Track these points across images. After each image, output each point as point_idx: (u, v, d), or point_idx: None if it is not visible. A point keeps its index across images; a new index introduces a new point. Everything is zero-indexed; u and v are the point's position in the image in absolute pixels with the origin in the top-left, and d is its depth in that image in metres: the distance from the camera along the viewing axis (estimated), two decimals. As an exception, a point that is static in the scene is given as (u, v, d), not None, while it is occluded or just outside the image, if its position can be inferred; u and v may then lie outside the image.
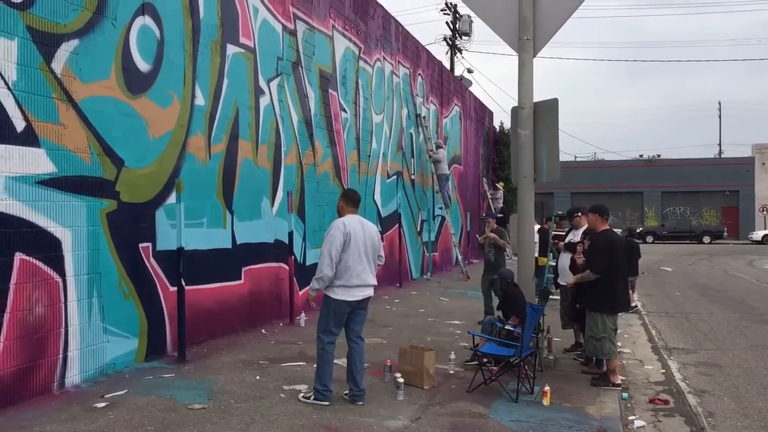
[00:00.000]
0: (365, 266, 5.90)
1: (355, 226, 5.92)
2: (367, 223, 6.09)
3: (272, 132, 10.37)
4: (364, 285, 5.91)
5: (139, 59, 7.46)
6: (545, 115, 7.51)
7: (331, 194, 12.30)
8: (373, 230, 6.09)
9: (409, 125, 17.43)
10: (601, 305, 6.91)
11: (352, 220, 5.95)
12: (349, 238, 5.82)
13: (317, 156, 11.87)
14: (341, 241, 5.79)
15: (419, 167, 18.21)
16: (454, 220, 20.77)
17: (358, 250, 5.85)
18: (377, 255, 6.07)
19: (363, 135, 14.11)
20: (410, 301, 13.12)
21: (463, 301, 13.33)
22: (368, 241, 5.94)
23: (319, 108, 11.99)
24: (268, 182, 10.24)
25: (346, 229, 5.84)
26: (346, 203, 6.12)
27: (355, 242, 5.84)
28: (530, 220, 7.77)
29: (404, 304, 12.68)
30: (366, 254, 5.92)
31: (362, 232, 5.93)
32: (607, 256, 6.89)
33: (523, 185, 7.59)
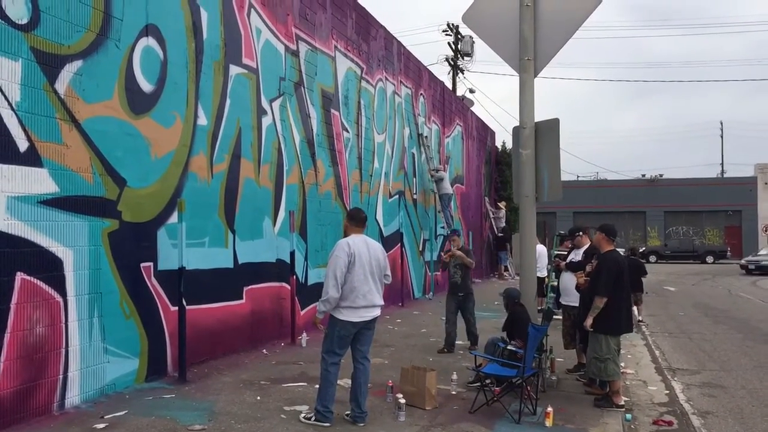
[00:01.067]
0: (371, 286, 5.86)
1: (360, 245, 5.88)
2: (372, 242, 6.05)
3: (274, 152, 10.40)
4: (371, 306, 5.87)
5: (142, 80, 7.51)
6: (546, 135, 7.53)
7: (333, 213, 12.31)
8: (379, 249, 6.05)
9: (411, 145, 17.49)
10: (606, 326, 6.86)
11: (357, 240, 5.92)
12: (354, 259, 5.77)
13: (319, 175, 11.90)
14: (345, 261, 5.74)
15: (421, 187, 18.25)
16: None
17: (363, 271, 5.81)
18: (384, 274, 6.04)
19: (365, 155, 14.15)
20: (412, 321, 13.07)
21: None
22: (374, 260, 5.91)
23: (321, 128, 12.05)
24: (269, 202, 10.25)
25: (350, 249, 5.79)
26: (350, 223, 6.10)
27: (360, 262, 5.80)
28: (532, 239, 7.77)
29: (406, 324, 12.63)
30: (372, 274, 5.88)
31: (367, 251, 5.90)
32: (614, 279, 6.87)
33: (525, 204, 7.59)
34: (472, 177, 24.72)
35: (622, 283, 6.90)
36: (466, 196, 23.57)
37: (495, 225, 27.00)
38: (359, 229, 6.06)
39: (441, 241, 19.84)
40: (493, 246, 27.82)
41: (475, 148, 25.46)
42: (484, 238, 26.65)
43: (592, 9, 7.45)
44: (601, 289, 6.82)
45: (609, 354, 6.85)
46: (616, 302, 6.86)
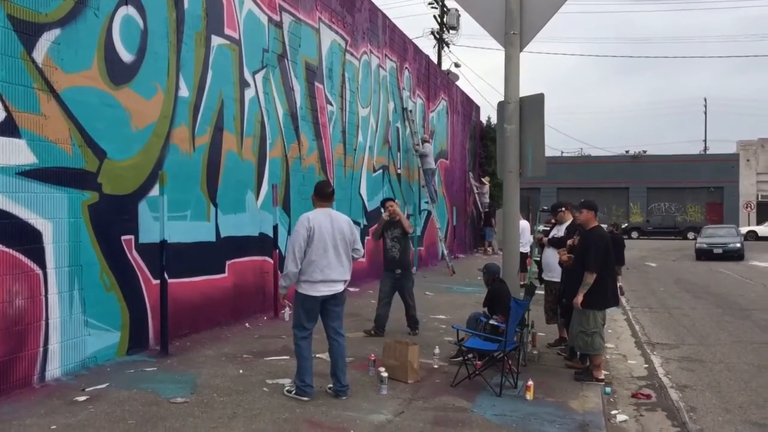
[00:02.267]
0: (330, 260, 5.79)
1: (321, 219, 5.85)
2: (337, 215, 6.00)
3: (257, 125, 10.33)
4: (329, 280, 5.80)
5: (122, 49, 7.40)
6: (531, 110, 7.53)
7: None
8: (345, 222, 5.98)
9: (396, 119, 17.43)
10: (593, 301, 6.93)
11: (318, 214, 5.90)
12: (313, 233, 5.76)
13: (303, 149, 11.85)
14: (304, 236, 5.75)
15: (405, 161, 18.22)
16: (440, 215, 20.81)
17: (323, 245, 5.77)
18: (351, 248, 5.98)
19: (349, 128, 14.09)
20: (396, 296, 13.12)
21: (448, 296, 13.36)
22: (337, 234, 5.86)
23: (304, 101, 11.96)
24: (252, 175, 10.20)
25: (309, 223, 5.79)
26: (316, 197, 6.07)
27: (320, 237, 5.77)
28: (516, 214, 7.80)
29: (389, 299, 12.68)
30: (335, 248, 5.83)
31: (330, 225, 5.85)
32: (603, 254, 6.94)
33: (509, 180, 7.61)
34: (456, 152, 24.74)
35: (609, 258, 6.98)
36: (450, 171, 23.59)
37: (479, 200, 27.11)
38: (325, 204, 6.02)
39: (425, 216, 19.90)
40: (479, 221, 27.95)
41: (459, 123, 25.45)
42: (468, 213, 26.76)
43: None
44: (591, 265, 6.87)
45: (596, 328, 6.94)
46: (603, 277, 6.95)
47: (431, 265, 20.03)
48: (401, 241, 8.99)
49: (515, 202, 7.71)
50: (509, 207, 7.73)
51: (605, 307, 7.07)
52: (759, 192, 47.40)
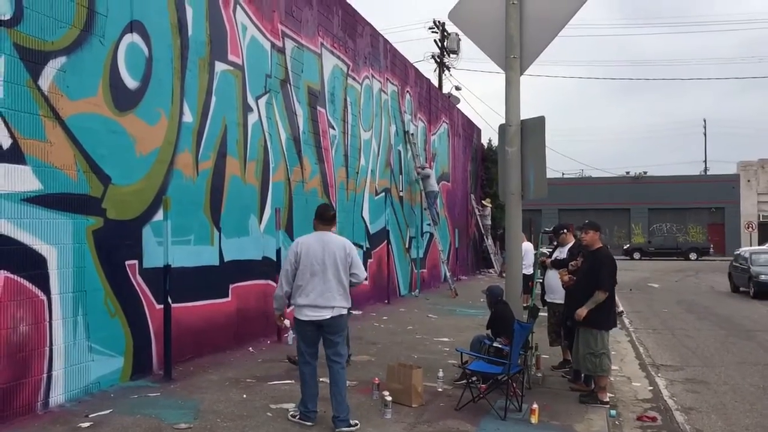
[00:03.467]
0: (316, 285, 5.68)
1: (311, 244, 5.78)
2: (332, 239, 5.84)
3: (260, 149, 10.37)
4: (313, 305, 5.68)
5: (126, 76, 7.46)
6: (532, 133, 7.56)
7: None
8: (338, 246, 5.81)
9: (398, 142, 17.50)
10: (601, 321, 6.94)
11: (310, 238, 5.86)
12: (299, 257, 5.74)
13: (305, 173, 11.88)
14: (291, 260, 5.77)
15: (407, 184, 18.26)
16: (442, 237, 20.80)
17: (309, 269, 5.70)
18: (346, 272, 5.78)
19: (351, 152, 14.14)
20: (398, 318, 13.10)
21: (451, 319, 13.32)
22: (328, 258, 5.73)
23: (307, 125, 12.03)
24: (255, 199, 10.22)
25: (297, 248, 5.79)
26: (317, 221, 6.03)
27: (307, 261, 5.71)
28: (518, 236, 7.80)
29: (392, 321, 12.66)
30: (322, 273, 5.69)
31: (320, 249, 5.74)
32: (612, 274, 6.98)
33: (511, 202, 7.62)
34: (458, 174, 24.79)
35: (614, 279, 7.05)
36: (452, 194, 23.62)
37: (481, 222, 27.07)
38: (326, 227, 5.97)
39: (427, 239, 19.89)
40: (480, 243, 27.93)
41: (461, 146, 25.53)
42: (470, 235, 26.74)
43: (578, 7, 7.49)
44: (605, 284, 6.89)
45: (604, 348, 6.93)
46: (610, 298, 7.00)
47: (434, 287, 19.98)
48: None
49: (517, 224, 7.71)
50: (512, 229, 7.73)
51: (611, 328, 7.07)
52: (760, 212, 47.35)
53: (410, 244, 18.23)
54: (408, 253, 18.00)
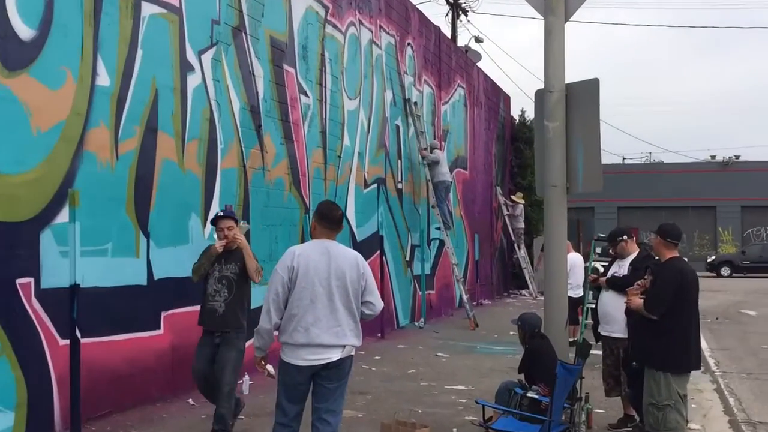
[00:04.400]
0: (321, 316, 5.62)
1: (313, 255, 5.72)
2: (339, 251, 5.85)
3: (205, 124, 10.35)
4: (316, 344, 5.61)
5: (18, 22, 7.42)
6: (582, 102, 7.57)
7: (286, 209, 12.28)
8: (349, 263, 5.80)
9: (395, 114, 17.52)
10: (666, 361, 6.93)
11: (310, 249, 5.79)
12: (296, 275, 5.63)
13: (268, 157, 11.86)
14: (284, 279, 5.63)
15: (409, 172, 18.28)
16: (456, 246, 20.82)
17: (311, 293, 5.62)
18: (358, 299, 5.78)
19: (331, 128, 14.14)
20: (396, 358, 13.08)
21: (469, 359, 13.32)
22: (335, 278, 5.69)
23: (270, 91, 12.01)
24: (198, 193, 10.20)
25: (293, 261, 5.66)
26: (319, 222, 5.91)
27: (307, 281, 5.63)
28: (562, 245, 7.81)
29: (388, 363, 12.65)
30: (329, 298, 5.66)
31: (325, 264, 5.70)
32: (674, 294, 6.93)
33: (552, 197, 7.62)
34: (478, 159, 24.83)
35: (688, 301, 6.98)
36: (470, 186, 23.66)
37: (510, 225, 27.11)
38: (330, 232, 5.90)
39: (435, 248, 19.89)
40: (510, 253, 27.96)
41: (482, 120, 25.58)
42: (495, 242, 26.79)
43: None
44: (651, 304, 6.94)
45: (670, 399, 6.90)
46: (681, 328, 6.94)
47: (445, 316, 19.97)
48: (234, 285, 7.90)
49: (561, 227, 7.71)
50: (553, 235, 7.73)
51: (682, 371, 7.05)
52: None
53: (412, 255, 18.25)
54: (409, 268, 18.02)
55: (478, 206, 24.59)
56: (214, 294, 7.85)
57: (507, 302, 24.78)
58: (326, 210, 6.02)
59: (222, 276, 7.88)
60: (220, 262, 7.92)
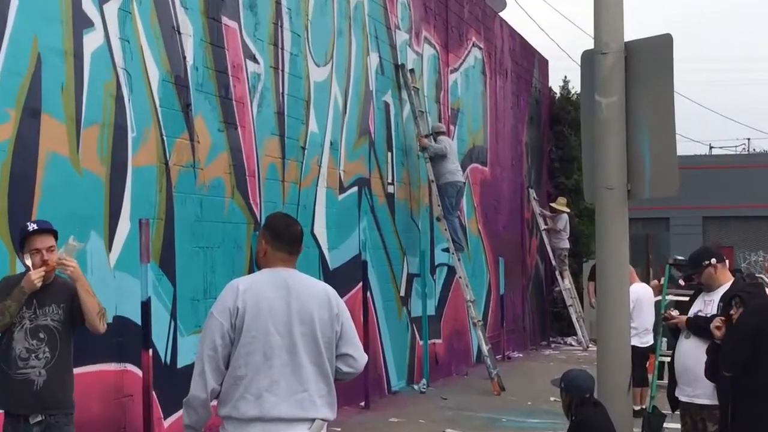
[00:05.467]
0: (279, 377, 5.54)
1: (266, 292, 5.65)
2: (303, 284, 5.81)
3: (109, 103, 10.35)
4: (271, 418, 5.53)
5: None
6: (649, 68, 7.59)
7: (227, 225, 12.24)
8: (319, 298, 5.75)
9: (384, 87, 17.55)
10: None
11: (262, 281, 5.75)
12: (243, 320, 5.56)
13: (200, 150, 11.83)
14: (224, 326, 5.54)
15: (403, 170, 18.29)
16: (473, 275, 20.82)
17: (265, 344, 5.55)
18: (332, 352, 5.74)
19: (291, 107, 14.13)
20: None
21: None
22: (298, 323, 5.62)
23: (203, 55, 12.01)
24: (100, 201, 10.19)
25: (237, 301, 5.56)
26: (274, 243, 5.84)
27: (258, 327, 5.55)
28: (621, 271, 7.80)
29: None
30: (290, 351, 5.59)
31: (284, 303, 5.64)
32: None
33: (607, 205, 7.63)
34: (503, 150, 24.86)
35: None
36: (491, 188, 23.70)
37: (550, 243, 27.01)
38: (288, 257, 5.84)
39: (443, 277, 19.86)
40: (552, 283, 27.96)
41: (509, 94, 25.61)
42: (528, 270, 26.80)
43: None
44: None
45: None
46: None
47: (457, 375, 20.00)
48: (58, 339, 7.26)
49: (620, 247, 7.71)
50: (609, 258, 7.73)
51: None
52: None
53: (410, 289, 18.28)
54: (405, 307, 18.03)
55: (504, 218, 24.62)
56: (26, 356, 7.10)
57: (546, 355, 24.78)
58: (282, 225, 5.96)
59: (37, 326, 7.15)
60: (31, 305, 7.15)
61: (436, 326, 19.32)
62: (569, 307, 26.76)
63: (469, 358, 20.86)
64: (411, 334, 18.16)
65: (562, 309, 27.57)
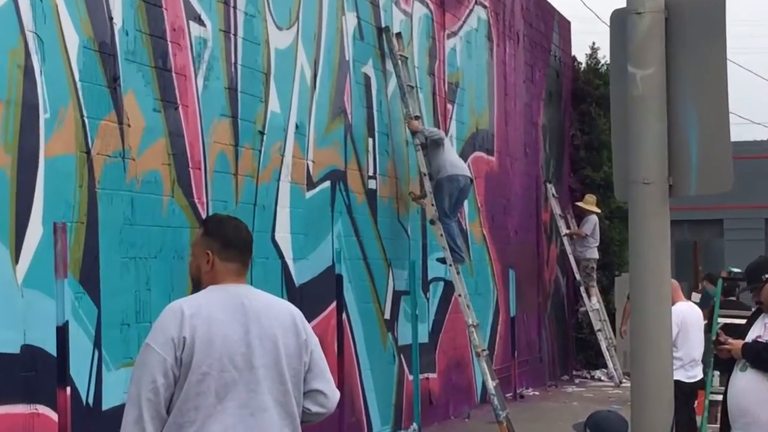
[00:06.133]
0: (236, 421, 5.61)
1: (218, 315, 5.69)
2: (261, 303, 5.86)
3: (16, 76, 10.34)
4: None
5: None
6: (695, 31, 7.60)
7: (166, 228, 12.25)
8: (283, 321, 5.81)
9: (363, 56, 17.63)
10: None
11: (210, 302, 5.78)
12: (191, 352, 5.59)
13: (131, 135, 11.82)
14: (166, 361, 5.55)
15: (388, 159, 18.32)
16: (476, 292, 20.87)
17: (219, 381, 5.61)
18: (300, 388, 5.81)
19: (246, 81, 14.15)
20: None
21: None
22: (260, 354, 5.67)
23: (134, 16, 11.99)
24: (4, 200, 10.19)
25: (182, 328, 5.58)
26: (222, 251, 5.88)
27: (209, 361, 5.60)
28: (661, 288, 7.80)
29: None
30: (250, 389, 5.64)
31: (241, 328, 5.69)
32: None
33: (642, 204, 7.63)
34: (515, 135, 24.95)
35: None
36: (500, 183, 23.80)
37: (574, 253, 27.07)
38: (241, 269, 5.93)
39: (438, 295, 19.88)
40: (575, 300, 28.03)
41: (521, 65, 25.69)
42: (545, 285, 26.85)
43: None
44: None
45: None
46: None
47: (456, 417, 20.11)
48: None
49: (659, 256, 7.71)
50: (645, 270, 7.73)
51: None
52: None
53: (396, 309, 18.33)
54: (391, 333, 18.07)
55: (515, 220, 24.72)
56: None
57: (568, 392, 24.89)
58: (230, 228, 6.03)
59: None
60: None
61: (429, 357, 19.38)
62: (597, 332, 26.81)
63: (471, 397, 20.94)
64: (398, 366, 18.22)
65: (589, 335, 27.68)
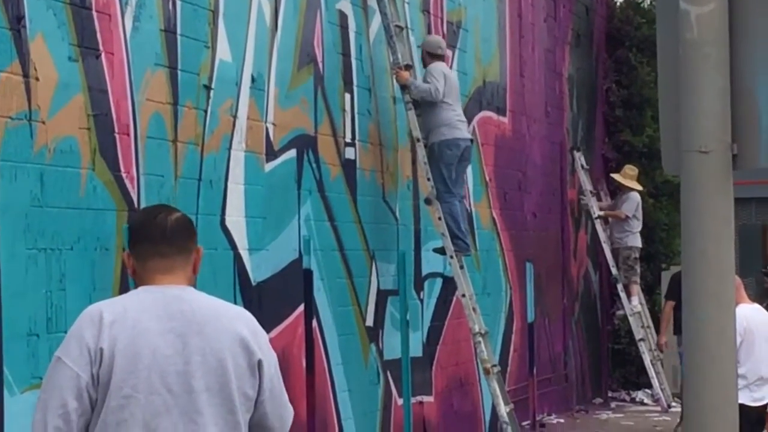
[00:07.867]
0: None
1: (146, 322, 5.72)
2: (203, 308, 5.89)
3: None
4: None
5: None
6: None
7: (85, 211, 12.24)
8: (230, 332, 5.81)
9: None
10: None
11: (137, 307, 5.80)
12: (111, 368, 5.60)
13: (40, 91, 11.81)
14: (81, 378, 5.57)
15: (370, 121, 18.34)
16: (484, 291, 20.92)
17: (147, 406, 5.61)
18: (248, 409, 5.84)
19: (188, 22, 14.14)
20: None
21: None
22: (202, 372, 5.71)
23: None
24: None
25: (100, 338, 5.59)
26: (137, 247, 5.94)
27: (135, 380, 5.60)
28: (722, 281, 7.82)
29: None
30: (188, 417, 5.68)
31: (177, 341, 5.73)
32: None
33: (700, 175, 7.64)
34: (532, 89, 24.99)
35: None
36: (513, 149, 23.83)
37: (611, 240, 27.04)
38: (166, 263, 5.91)
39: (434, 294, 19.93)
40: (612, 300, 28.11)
41: (539, 4, 25.66)
42: (572, 282, 26.90)
43: None
44: None
45: None
46: None
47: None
48: None
49: (720, 243, 7.73)
50: (701, 260, 7.75)
51: None
52: None
53: (382, 313, 18.37)
54: (375, 344, 18.10)
55: (534, 199, 24.80)
56: None
57: (603, 420, 25.00)
58: (142, 217, 6.28)
59: None
60: None
61: (424, 375, 19.43)
62: (639, 342, 26.78)
63: (477, 426, 21.01)
64: (384, 388, 18.27)
65: (629, 346, 27.67)
